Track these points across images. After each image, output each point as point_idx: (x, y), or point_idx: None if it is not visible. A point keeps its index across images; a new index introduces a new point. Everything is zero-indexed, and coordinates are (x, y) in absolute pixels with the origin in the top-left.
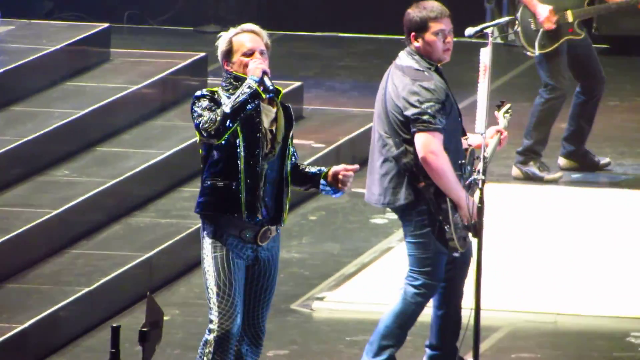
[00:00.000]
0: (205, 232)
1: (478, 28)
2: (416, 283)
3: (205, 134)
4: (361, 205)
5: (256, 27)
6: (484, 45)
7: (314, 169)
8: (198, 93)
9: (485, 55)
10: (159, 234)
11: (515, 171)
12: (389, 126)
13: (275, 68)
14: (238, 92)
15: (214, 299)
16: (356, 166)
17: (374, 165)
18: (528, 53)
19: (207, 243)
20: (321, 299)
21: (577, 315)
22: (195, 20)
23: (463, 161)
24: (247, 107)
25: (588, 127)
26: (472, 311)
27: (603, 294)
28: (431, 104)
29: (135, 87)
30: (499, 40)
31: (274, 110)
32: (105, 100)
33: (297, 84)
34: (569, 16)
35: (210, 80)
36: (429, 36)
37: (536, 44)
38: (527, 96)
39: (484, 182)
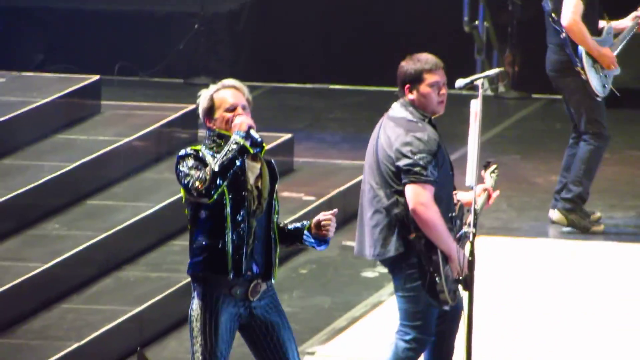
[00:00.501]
0: (195, 293)
1: (468, 80)
2: (407, 337)
3: (195, 193)
4: (352, 259)
5: (237, 82)
6: (475, 97)
7: (296, 224)
8: (182, 152)
9: (476, 107)
10: (149, 288)
11: (558, 216)
12: (380, 177)
13: (266, 120)
14: (225, 149)
15: None
16: (334, 210)
17: (364, 217)
18: (598, 98)
19: (195, 304)
20: (312, 353)
21: None
22: (186, 72)
23: (454, 214)
24: (236, 163)
25: None
26: None
27: (597, 350)
28: (423, 155)
29: (126, 140)
30: (489, 92)
31: (258, 166)
32: (96, 153)
33: (288, 136)
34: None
35: (201, 132)
36: (424, 88)
37: (600, 87)
38: (517, 148)
39: (474, 235)
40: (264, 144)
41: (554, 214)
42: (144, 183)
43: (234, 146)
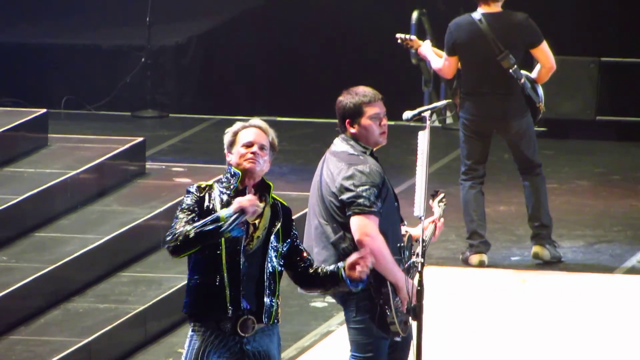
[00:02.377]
0: (192, 331)
1: (416, 111)
2: None
3: (165, 246)
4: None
5: (263, 124)
6: (422, 128)
7: (330, 268)
8: (189, 187)
9: (423, 139)
10: (98, 319)
11: (547, 254)
12: (325, 212)
13: (213, 152)
14: (208, 219)
15: None
16: (369, 256)
17: (311, 253)
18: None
19: (187, 341)
20: None
21: None
22: (133, 105)
23: (402, 244)
24: (208, 240)
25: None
26: None
27: None
28: (366, 187)
29: (73, 172)
30: (436, 124)
31: (262, 205)
32: (43, 186)
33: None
34: None
35: (149, 165)
36: (364, 121)
37: (537, 119)
38: None
39: (423, 265)
40: (270, 184)
41: (545, 253)
42: (91, 215)
43: (212, 225)
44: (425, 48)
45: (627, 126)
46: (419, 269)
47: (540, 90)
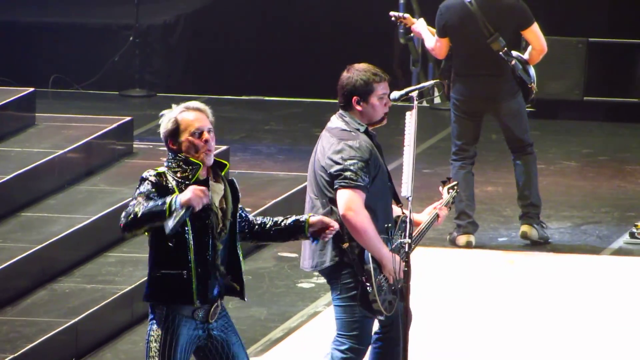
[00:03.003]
0: (155, 314)
1: (403, 92)
2: (343, 347)
3: (120, 223)
4: (287, 270)
5: (201, 105)
6: (410, 108)
7: (293, 219)
8: (144, 174)
9: (411, 119)
10: (84, 299)
11: (535, 233)
12: (316, 187)
13: None
14: (159, 201)
15: None
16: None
17: None
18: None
19: (155, 326)
20: None
21: None
22: (121, 84)
23: (389, 224)
24: (154, 222)
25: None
26: None
27: (534, 357)
28: (354, 161)
29: (60, 152)
30: (424, 104)
31: (222, 186)
32: (30, 165)
33: (223, 147)
34: None
35: (136, 144)
36: (373, 99)
37: (530, 100)
38: None
39: (410, 245)
40: (226, 163)
41: (534, 232)
42: (78, 195)
43: (160, 207)
44: (420, 26)
45: (615, 107)
46: (407, 250)
47: (532, 71)
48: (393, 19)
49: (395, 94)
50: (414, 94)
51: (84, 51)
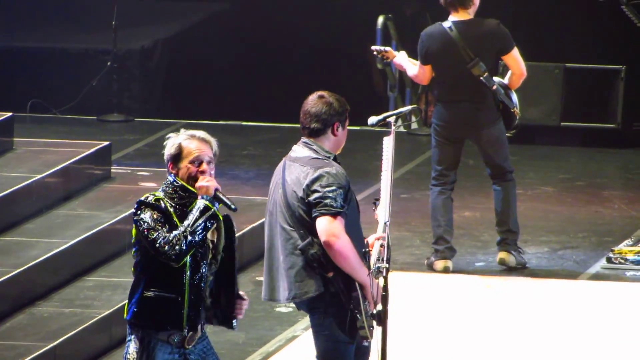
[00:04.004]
0: (132, 337)
1: (381, 117)
2: None
3: (164, 257)
4: None
5: (207, 135)
6: (387, 133)
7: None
8: (143, 198)
9: (388, 144)
10: (63, 323)
11: (512, 260)
12: (292, 219)
13: None
14: (194, 213)
15: None
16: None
17: (275, 261)
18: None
19: (132, 349)
20: None
21: None
22: (99, 109)
23: (366, 249)
24: (206, 231)
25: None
26: None
27: None
28: (333, 188)
29: (38, 176)
30: (402, 129)
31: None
32: (8, 190)
33: None
34: None
35: (114, 169)
36: (345, 127)
37: (514, 125)
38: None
39: (388, 270)
40: (233, 207)
41: (511, 259)
42: (56, 219)
43: (204, 211)
44: (401, 58)
45: (592, 132)
46: (384, 274)
47: (515, 97)
48: (375, 52)
49: (373, 119)
50: (392, 119)
51: (62, 76)
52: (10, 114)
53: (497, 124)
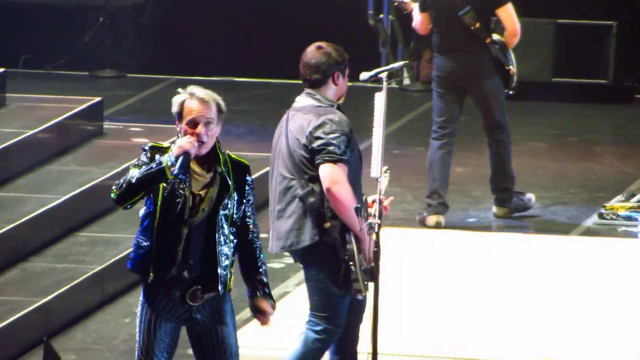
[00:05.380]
0: (142, 288)
1: (373, 73)
2: (317, 328)
3: (111, 195)
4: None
5: (208, 94)
6: (379, 89)
7: (256, 280)
8: (144, 146)
9: (380, 100)
10: (55, 279)
11: (501, 211)
12: (293, 167)
13: (171, 113)
14: (152, 164)
15: None
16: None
17: (277, 210)
18: (511, 92)
19: (140, 301)
20: None
21: None
22: (91, 65)
23: (359, 205)
24: (152, 183)
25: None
26: (369, 355)
27: (498, 339)
28: (336, 134)
29: (31, 132)
30: (393, 85)
31: (209, 176)
32: (1, 146)
33: None
34: None
35: (107, 125)
36: (346, 76)
37: (512, 85)
38: (422, 140)
39: (379, 225)
40: (220, 156)
41: (498, 210)
42: (49, 175)
43: (156, 167)
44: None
45: (584, 88)
46: (376, 230)
47: (511, 55)
48: (395, 3)
49: (365, 75)
50: (383, 75)
51: (55, 32)
52: (2, 70)
53: (493, 77)
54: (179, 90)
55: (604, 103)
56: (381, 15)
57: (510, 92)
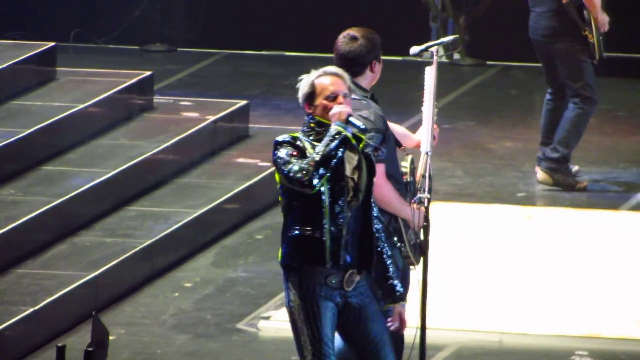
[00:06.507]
0: (289, 283)
1: (423, 47)
2: None
3: (298, 184)
4: None
5: (339, 70)
6: (429, 64)
7: (389, 279)
8: (279, 138)
9: (430, 74)
10: (104, 253)
11: (543, 176)
12: None
13: (221, 87)
14: (326, 138)
15: (309, 357)
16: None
17: None
18: (595, 61)
19: (293, 295)
20: (267, 318)
21: (522, 334)
22: (142, 39)
23: (408, 180)
24: (339, 153)
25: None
26: (418, 330)
27: (547, 313)
28: (372, 134)
29: (81, 106)
30: (444, 59)
31: (356, 157)
32: (51, 119)
33: (243, 102)
34: None
35: (157, 98)
36: (381, 61)
37: (599, 51)
38: (472, 115)
39: (429, 200)
40: (362, 137)
41: (539, 174)
42: (99, 149)
43: (336, 136)
44: None
45: (633, 63)
46: (425, 205)
47: (591, 21)
48: None
49: (415, 49)
50: (434, 49)
51: (105, 6)
52: (53, 43)
53: (570, 41)
54: (302, 76)
55: None
56: None
57: (595, 62)
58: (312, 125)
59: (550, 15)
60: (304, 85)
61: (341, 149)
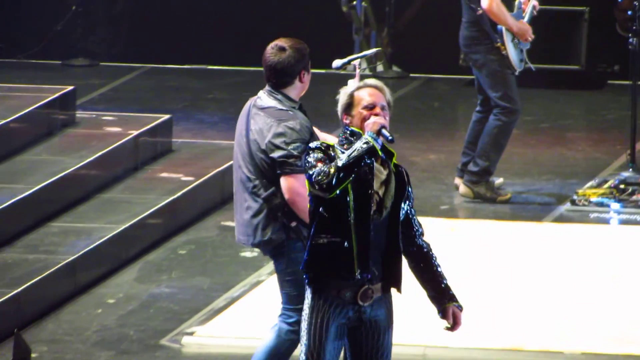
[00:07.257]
0: (308, 291)
1: (346, 60)
2: (290, 320)
3: (316, 187)
4: (230, 239)
5: (379, 83)
6: (352, 76)
7: (442, 284)
8: (312, 145)
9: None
10: (27, 269)
11: (464, 190)
12: (255, 168)
13: (144, 101)
14: (354, 146)
15: None
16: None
17: (241, 205)
18: (516, 73)
19: (307, 304)
20: (191, 333)
21: (446, 348)
22: (64, 54)
23: None
24: (362, 163)
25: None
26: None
27: (470, 326)
28: (297, 144)
29: (3, 122)
30: (367, 72)
31: (385, 172)
32: None
33: (166, 116)
34: None
35: (79, 113)
36: (309, 71)
37: (517, 62)
38: (395, 127)
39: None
40: (393, 152)
41: (461, 188)
42: (21, 165)
43: (363, 145)
44: None
45: (556, 74)
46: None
47: (506, 34)
48: None
49: (337, 62)
50: (356, 62)
51: (27, 20)
52: None
53: (485, 52)
54: (343, 88)
55: (576, 89)
56: (354, 2)
57: (515, 73)
58: (346, 134)
59: (468, 26)
60: (342, 96)
61: (366, 159)
